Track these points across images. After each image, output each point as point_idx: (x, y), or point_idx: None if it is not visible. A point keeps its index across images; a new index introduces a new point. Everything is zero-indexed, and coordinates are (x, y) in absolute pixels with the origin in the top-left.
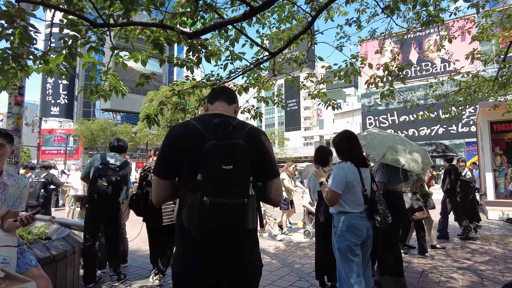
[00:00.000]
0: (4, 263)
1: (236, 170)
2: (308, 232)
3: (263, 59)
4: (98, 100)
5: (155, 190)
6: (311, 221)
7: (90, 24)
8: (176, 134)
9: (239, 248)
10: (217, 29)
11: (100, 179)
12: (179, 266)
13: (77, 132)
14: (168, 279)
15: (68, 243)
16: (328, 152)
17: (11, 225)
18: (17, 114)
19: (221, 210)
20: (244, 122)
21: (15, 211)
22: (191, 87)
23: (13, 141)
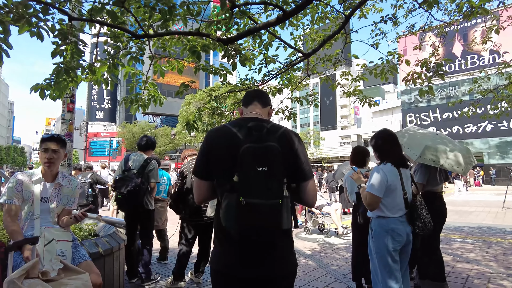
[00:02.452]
0: (62, 255)
1: (270, 171)
2: (308, 229)
3: (297, 61)
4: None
5: (196, 191)
6: (311, 218)
7: (132, 35)
8: (213, 138)
9: (274, 248)
10: (251, 34)
11: (116, 191)
12: (218, 264)
13: (120, 135)
14: (206, 277)
15: (114, 240)
16: (365, 152)
17: (67, 221)
18: (69, 120)
19: (256, 210)
20: (277, 125)
21: (69, 209)
22: (226, 92)
23: (66, 145)
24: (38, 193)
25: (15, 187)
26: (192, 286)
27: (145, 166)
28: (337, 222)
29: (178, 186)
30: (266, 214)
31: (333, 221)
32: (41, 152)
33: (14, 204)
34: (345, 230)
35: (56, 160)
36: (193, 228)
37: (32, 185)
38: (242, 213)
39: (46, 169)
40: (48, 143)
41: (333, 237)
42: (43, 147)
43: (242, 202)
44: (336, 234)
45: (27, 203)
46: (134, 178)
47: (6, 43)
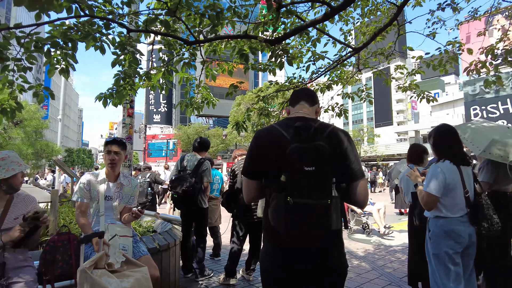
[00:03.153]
0: (123, 249)
1: (318, 171)
2: (351, 228)
3: (347, 56)
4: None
5: (245, 190)
6: (353, 218)
7: (184, 42)
8: (261, 138)
9: (323, 248)
10: (298, 32)
11: (172, 191)
12: (267, 262)
13: (176, 137)
14: (257, 274)
15: (171, 236)
16: (423, 150)
17: (128, 218)
18: (129, 124)
19: (304, 210)
20: (325, 124)
21: (130, 207)
22: (275, 91)
23: (126, 148)
24: (102, 192)
25: (84, 186)
26: (244, 283)
27: (199, 166)
28: (379, 222)
29: (229, 185)
30: (315, 214)
31: (375, 220)
32: (105, 154)
33: (83, 202)
34: (387, 230)
35: (118, 161)
36: (244, 226)
37: (98, 185)
38: (290, 213)
39: (109, 169)
40: (110, 146)
41: (375, 236)
42: (106, 150)
43: (289, 202)
44: (379, 234)
45: (94, 201)
46: (189, 178)
47: (73, 59)
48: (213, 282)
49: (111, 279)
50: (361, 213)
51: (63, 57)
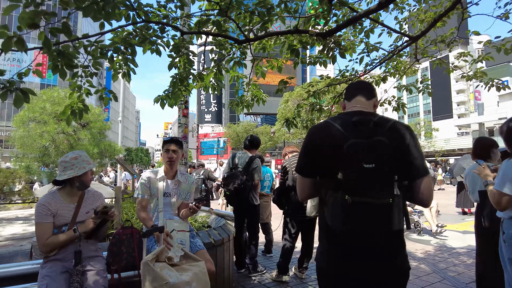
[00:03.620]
0: (181, 244)
1: (379, 168)
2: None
3: (403, 46)
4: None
5: (299, 188)
6: None
7: (235, 41)
8: (316, 134)
9: (383, 249)
10: (351, 24)
11: (224, 188)
12: (323, 262)
13: (226, 135)
14: (310, 273)
15: (225, 231)
16: (490, 144)
17: (186, 213)
18: (184, 124)
19: (364, 209)
20: (386, 118)
21: (187, 202)
22: (326, 86)
23: (183, 146)
24: (161, 189)
25: (145, 184)
26: (296, 281)
27: (250, 164)
28: (431, 221)
29: (280, 182)
30: (375, 214)
31: (427, 219)
32: (164, 152)
33: (144, 198)
34: (439, 229)
35: (176, 160)
36: (296, 224)
37: (157, 182)
38: (348, 212)
39: (168, 167)
40: (169, 145)
41: (427, 235)
42: (165, 149)
43: (348, 201)
44: (430, 233)
45: (153, 198)
46: (240, 175)
47: (133, 63)
48: (266, 279)
49: (171, 272)
50: (411, 211)
51: (125, 62)
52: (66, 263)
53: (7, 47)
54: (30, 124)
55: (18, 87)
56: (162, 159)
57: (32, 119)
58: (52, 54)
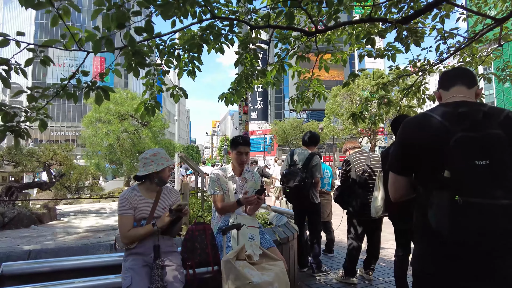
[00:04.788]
0: (251, 239)
1: (494, 165)
2: None
3: (487, 29)
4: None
5: (392, 187)
6: None
7: (305, 33)
8: (413, 128)
9: (503, 258)
10: (433, 8)
11: (284, 185)
12: (424, 266)
13: (272, 132)
14: (377, 274)
15: (289, 229)
16: None
17: (254, 208)
18: (245, 121)
19: (479, 211)
20: (499, 108)
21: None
22: (396, 77)
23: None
24: (231, 186)
25: (216, 180)
26: (364, 283)
27: (309, 161)
28: None
29: (341, 180)
30: (494, 216)
31: None
32: (235, 154)
33: (219, 194)
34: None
35: (247, 161)
36: (360, 225)
37: (226, 180)
38: (458, 214)
39: (238, 168)
40: (242, 147)
41: None
42: (237, 150)
43: (459, 201)
44: None
45: (225, 195)
46: (300, 172)
47: (199, 61)
48: (331, 279)
49: (253, 271)
50: None
51: (190, 60)
52: (146, 257)
53: (97, 48)
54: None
55: (100, 86)
56: (232, 159)
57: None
58: (128, 53)
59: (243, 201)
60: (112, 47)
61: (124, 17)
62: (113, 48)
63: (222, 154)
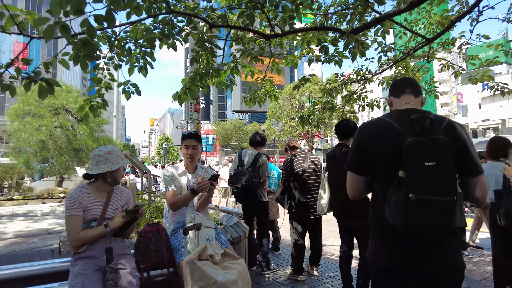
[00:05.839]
0: (208, 240)
1: (440, 166)
2: None
3: (418, 46)
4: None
5: (350, 185)
6: None
7: (263, 36)
8: (370, 131)
9: (443, 246)
10: (379, 23)
11: (232, 185)
12: (380, 259)
13: (215, 132)
14: (322, 270)
15: (240, 229)
16: (506, 143)
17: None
18: (196, 119)
19: (429, 207)
20: (441, 116)
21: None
22: (340, 84)
23: (201, 141)
24: (185, 184)
25: (170, 177)
26: (311, 279)
27: (256, 161)
28: None
29: (282, 180)
30: (440, 211)
31: None
32: (183, 148)
33: (171, 190)
34: None
35: (196, 155)
36: (300, 223)
37: (179, 177)
38: (412, 210)
39: (188, 163)
40: (189, 140)
41: None
42: (184, 144)
43: (412, 199)
44: None
45: (178, 192)
46: (247, 172)
47: (151, 57)
48: (280, 276)
49: (217, 270)
50: None
51: (142, 55)
52: (98, 260)
53: (49, 34)
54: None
55: (44, 78)
56: (182, 155)
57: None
58: (77, 44)
59: (197, 189)
60: (68, 34)
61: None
62: (69, 36)
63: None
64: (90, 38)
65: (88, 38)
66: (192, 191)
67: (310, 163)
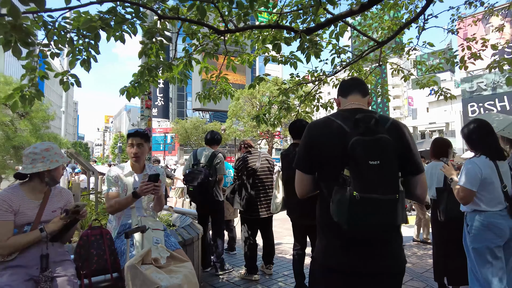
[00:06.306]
0: (157, 243)
1: (383, 165)
2: None
3: (370, 50)
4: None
5: (298, 184)
6: None
7: (216, 31)
8: (317, 130)
9: (386, 244)
10: (332, 23)
11: (187, 184)
12: (325, 258)
13: (174, 131)
14: (277, 269)
15: (194, 230)
16: (447, 144)
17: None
18: (148, 116)
19: (372, 205)
20: (386, 116)
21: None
22: (295, 85)
23: (149, 139)
24: (131, 185)
25: (113, 179)
26: (265, 278)
27: (213, 159)
28: None
29: (234, 179)
30: (383, 209)
31: None
32: (128, 146)
33: (113, 192)
34: None
35: (142, 154)
36: (251, 223)
37: (125, 178)
38: (356, 208)
39: (134, 162)
40: (133, 138)
41: None
42: (129, 142)
43: (356, 197)
44: None
45: (122, 194)
46: (203, 171)
47: (95, 49)
48: (234, 277)
49: (161, 274)
50: None
51: (85, 47)
52: (30, 269)
53: None
54: None
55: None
56: (128, 154)
57: None
58: (5, 26)
59: (139, 192)
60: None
61: None
62: None
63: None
64: (14, 20)
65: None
66: (134, 194)
67: (264, 161)
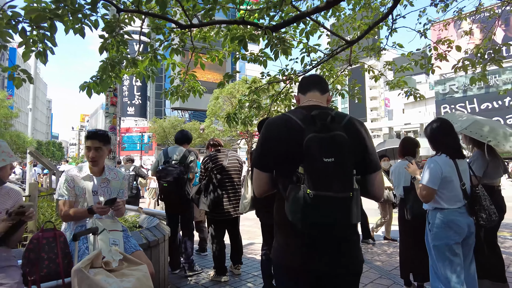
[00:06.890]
0: (114, 244)
1: (338, 162)
2: None
3: (341, 48)
4: (176, 100)
5: (255, 182)
6: None
7: (178, 26)
8: (274, 127)
9: (342, 243)
10: (299, 20)
11: (160, 181)
12: (282, 258)
13: (151, 130)
14: (245, 269)
15: (159, 231)
16: (415, 144)
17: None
18: (113, 113)
19: (326, 203)
20: (342, 113)
21: (122, 200)
22: (266, 84)
23: (110, 141)
24: (89, 188)
25: (69, 184)
26: (234, 278)
27: (186, 157)
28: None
29: (200, 178)
30: (336, 207)
31: None
32: (85, 149)
33: (68, 200)
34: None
35: (100, 158)
36: (218, 223)
37: (82, 181)
38: (310, 206)
39: (92, 166)
40: (91, 141)
41: None
42: (86, 145)
43: (310, 195)
44: None
45: (79, 198)
46: (178, 167)
47: (51, 41)
48: (203, 278)
49: (110, 278)
50: None
51: (41, 39)
52: None
53: None
54: None
55: None
56: (85, 156)
57: None
58: None
59: (96, 210)
60: None
61: None
62: None
63: None
64: None
65: None
66: (90, 211)
67: (232, 160)
